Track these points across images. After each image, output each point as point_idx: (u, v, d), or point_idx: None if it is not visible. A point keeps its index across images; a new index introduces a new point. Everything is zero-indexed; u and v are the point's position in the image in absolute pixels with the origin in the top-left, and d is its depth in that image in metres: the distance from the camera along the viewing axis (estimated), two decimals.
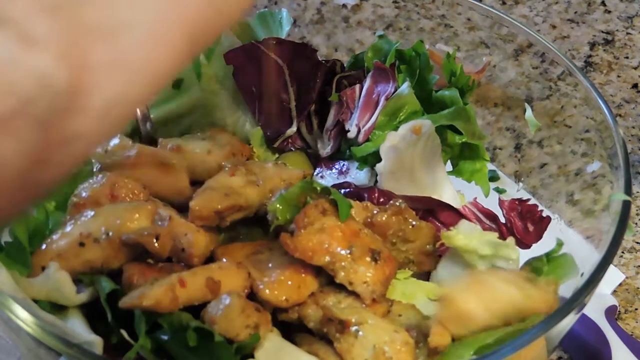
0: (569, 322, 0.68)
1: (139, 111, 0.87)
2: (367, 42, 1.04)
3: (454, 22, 1.00)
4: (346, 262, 0.70)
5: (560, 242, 0.75)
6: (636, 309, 0.95)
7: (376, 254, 0.71)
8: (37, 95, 0.39)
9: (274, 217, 0.72)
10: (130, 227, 0.69)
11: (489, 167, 0.92)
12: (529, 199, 0.88)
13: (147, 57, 0.43)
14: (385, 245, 0.74)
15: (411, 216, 0.77)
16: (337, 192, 0.73)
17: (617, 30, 1.25)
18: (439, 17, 1.01)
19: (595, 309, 0.90)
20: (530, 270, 0.75)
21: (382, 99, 0.89)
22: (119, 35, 0.42)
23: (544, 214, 0.86)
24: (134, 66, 0.43)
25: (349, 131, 0.89)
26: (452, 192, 0.86)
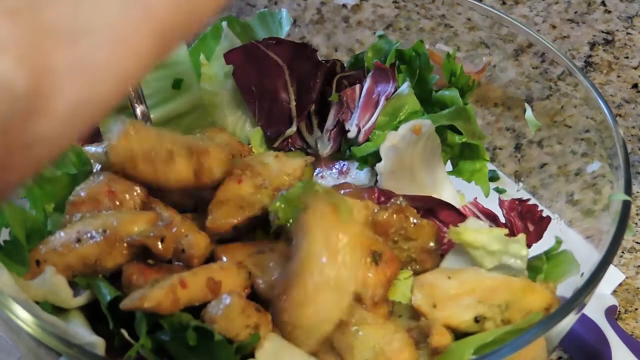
0: (569, 322, 0.68)
1: (139, 111, 0.87)
2: (367, 42, 1.04)
3: (454, 22, 1.00)
4: None
5: (559, 240, 0.75)
6: (636, 309, 0.95)
7: (377, 255, 0.71)
8: None
9: (275, 217, 0.72)
10: (130, 228, 0.69)
11: (489, 167, 0.92)
12: (529, 199, 0.88)
13: (111, 59, 0.42)
14: (387, 244, 0.74)
15: (412, 214, 0.77)
16: (339, 194, 0.73)
17: (617, 30, 1.25)
18: (439, 17, 1.01)
19: (595, 309, 0.90)
20: (529, 269, 0.75)
21: (382, 99, 0.89)
22: (81, 37, 0.41)
23: (544, 214, 0.86)
24: (97, 68, 0.42)
25: (349, 131, 0.89)
26: (452, 192, 0.86)
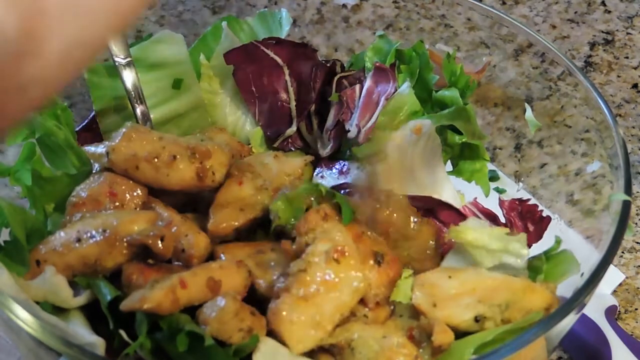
0: (569, 322, 0.68)
1: (139, 111, 0.87)
2: (367, 42, 1.04)
3: (454, 22, 1.00)
4: None
5: (558, 240, 0.75)
6: (636, 309, 0.95)
7: (379, 256, 0.71)
8: None
9: (275, 216, 0.72)
10: (130, 227, 0.69)
11: (489, 167, 0.92)
12: (529, 199, 0.88)
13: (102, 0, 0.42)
14: (388, 245, 0.74)
15: (413, 212, 0.77)
16: (341, 195, 0.73)
17: (617, 30, 1.25)
18: (439, 17, 1.01)
19: (595, 309, 0.90)
20: (529, 269, 0.75)
21: (383, 99, 0.89)
22: None
23: (544, 214, 0.86)
24: (89, 9, 0.42)
25: (350, 131, 0.89)
26: (452, 192, 0.86)
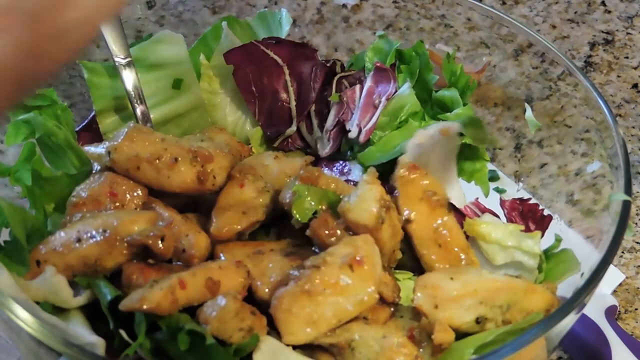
0: (569, 322, 0.68)
1: (139, 111, 0.87)
2: (367, 42, 1.04)
3: (454, 22, 1.00)
4: None
5: (558, 238, 0.75)
6: (636, 309, 0.95)
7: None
8: None
9: (294, 196, 0.72)
10: (130, 227, 0.69)
11: (489, 167, 0.92)
12: (529, 199, 0.88)
13: None
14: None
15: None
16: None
17: (617, 30, 1.25)
18: (439, 17, 1.01)
19: (595, 309, 0.90)
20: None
21: (383, 99, 0.89)
22: None
23: (545, 214, 0.86)
24: None
25: (350, 131, 0.89)
26: (459, 193, 0.86)
